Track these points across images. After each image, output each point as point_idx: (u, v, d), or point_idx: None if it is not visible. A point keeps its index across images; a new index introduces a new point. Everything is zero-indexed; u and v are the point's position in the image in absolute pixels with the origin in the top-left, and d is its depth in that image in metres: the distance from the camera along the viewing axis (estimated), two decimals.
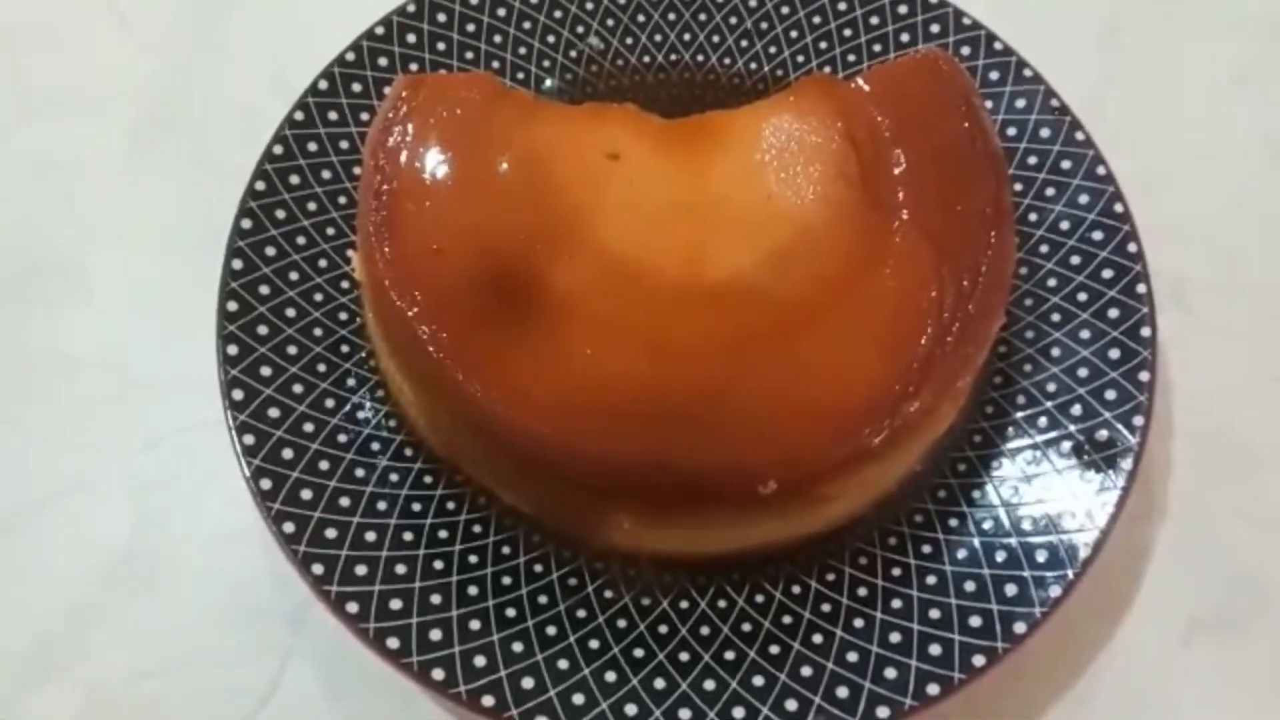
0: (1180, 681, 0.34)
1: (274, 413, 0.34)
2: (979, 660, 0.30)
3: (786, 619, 0.32)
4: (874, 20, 0.42)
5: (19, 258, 0.40)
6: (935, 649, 0.31)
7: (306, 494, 0.33)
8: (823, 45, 0.42)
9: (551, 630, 0.31)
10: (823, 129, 0.35)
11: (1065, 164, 0.38)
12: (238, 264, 0.36)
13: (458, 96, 0.35)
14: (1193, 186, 0.42)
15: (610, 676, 0.31)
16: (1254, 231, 0.41)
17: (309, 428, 0.34)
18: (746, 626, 0.32)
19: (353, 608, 0.31)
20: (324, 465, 0.33)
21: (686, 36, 0.42)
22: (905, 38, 0.41)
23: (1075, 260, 0.37)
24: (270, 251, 0.36)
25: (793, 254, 0.33)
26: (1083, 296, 0.36)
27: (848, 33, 0.42)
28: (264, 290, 0.36)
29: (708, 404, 0.30)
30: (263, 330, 0.35)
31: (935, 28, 0.41)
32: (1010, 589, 0.32)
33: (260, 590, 0.34)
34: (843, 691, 0.30)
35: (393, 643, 0.30)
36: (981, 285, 0.32)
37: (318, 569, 0.31)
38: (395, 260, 0.32)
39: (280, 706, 0.33)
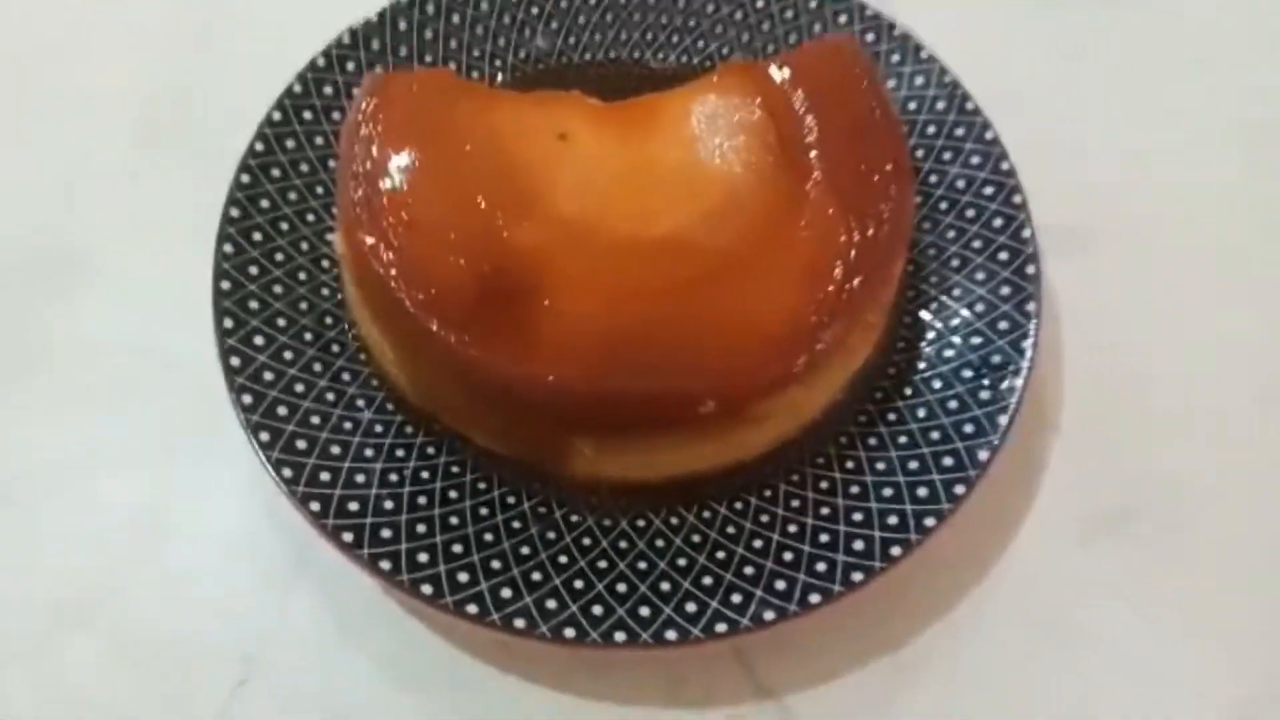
0: (1079, 575, 0.38)
1: (268, 376, 0.38)
2: (896, 550, 0.35)
3: (730, 529, 0.36)
4: (788, 14, 0.47)
5: (32, 250, 0.43)
6: (859, 544, 0.35)
7: (301, 444, 0.37)
8: (745, 38, 0.47)
9: (525, 550, 0.36)
10: (744, 105, 0.40)
11: (959, 131, 0.43)
12: (228, 248, 0.40)
13: (421, 90, 0.39)
14: (1082, 149, 0.47)
15: (579, 584, 0.35)
16: (1138, 185, 0.46)
17: (300, 388, 0.38)
18: (696, 538, 0.36)
19: (348, 537, 0.35)
20: (315, 420, 0.37)
21: (623, 35, 0.47)
22: (817, 28, 0.46)
23: (970, 213, 0.42)
24: (257, 236, 0.41)
25: (723, 211, 0.37)
26: (977, 244, 0.41)
27: (765, 26, 0.47)
28: (253, 270, 0.40)
29: (653, 339, 0.35)
30: (254, 305, 0.39)
31: (843, 18, 0.46)
32: (921, 491, 0.36)
33: (263, 539, 0.38)
34: (780, 584, 0.35)
35: (385, 565, 0.34)
36: (885, 231, 0.37)
37: (315, 506, 0.35)
38: (373, 233, 0.36)
39: (284, 636, 0.37)
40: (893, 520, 0.36)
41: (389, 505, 0.36)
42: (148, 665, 0.36)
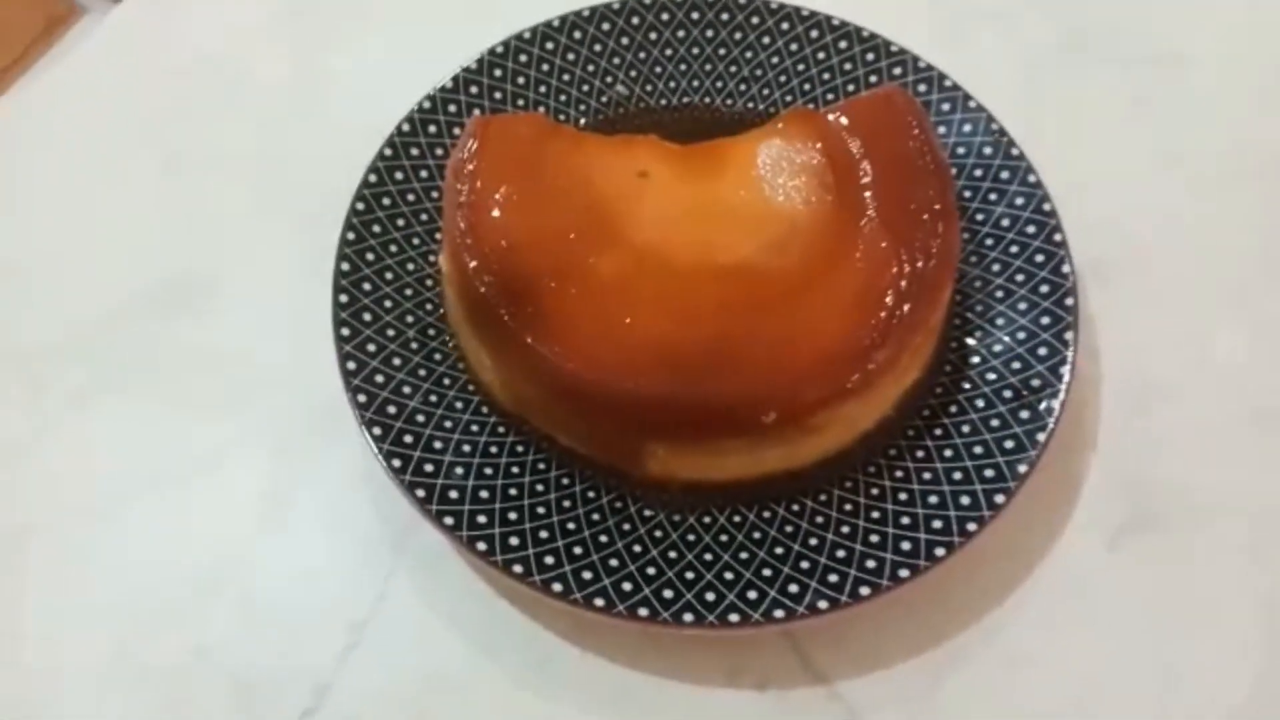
0: (1107, 577, 0.42)
1: (379, 379, 0.43)
2: (940, 551, 0.39)
3: (788, 528, 0.40)
4: (847, 66, 0.51)
5: (167, 279, 0.49)
6: (906, 545, 0.39)
7: (408, 439, 0.41)
8: (806, 87, 0.51)
9: (604, 539, 0.40)
10: (805, 149, 0.44)
11: (1004, 174, 0.47)
12: (345, 266, 0.45)
13: (519, 130, 0.45)
14: (1105, 190, 0.51)
15: (651, 570, 0.39)
16: (1154, 222, 0.50)
17: (407, 390, 0.43)
18: (756, 535, 0.40)
19: (449, 521, 0.39)
20: (420, 418, 0.42)
21: (695, 82, 0.52)
22: (874, 79, 0.51)
23: (1014, 249, 0.46)
24: (370, 257, 0.46)
25: (784, 243, 0.42)
26: (1020, 277, 0.45)
27: (826, 76, 0.51)
28: (366, 286, 0.45)
29: (720, 355, 0.39)
30: (367, 317, 0.44)
31: (898, 70, 0.50)
32: (964, 499, 0.40)
33: (369, 524, 0.43)
34: (833, 578, 0.39)
35: (482, 546, 0.39)
36: (932, 264, 0.41)
37: (420, 493, 0.40)
38: (476, 256, 0.41)
39: (387, 610, 0.41)
40: (938, 524, 0.39)
41: (484, 495, 0.40)
42: (267, 630, 0.41)
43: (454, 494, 0.40)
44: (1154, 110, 0.54)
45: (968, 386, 0.43)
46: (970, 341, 0.45)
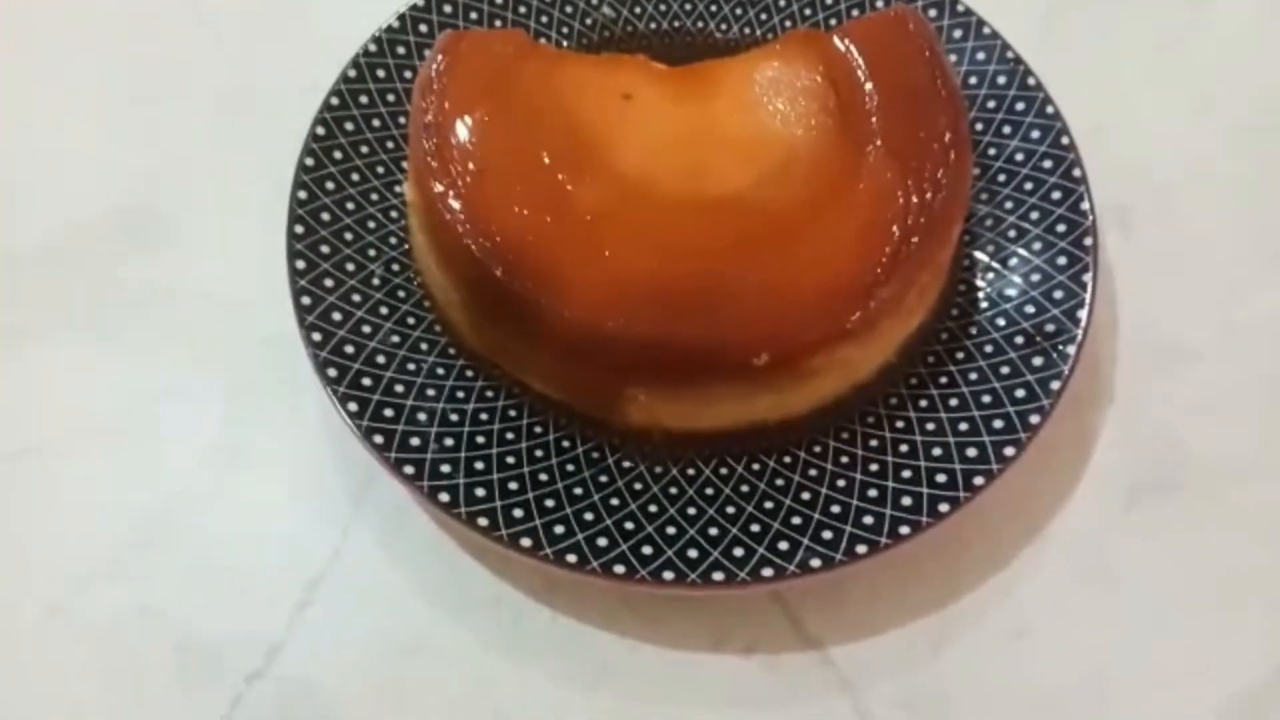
0: (1123, 540, 0.39)
1: (337, 316, 0.39)
2: (943, 507, 0.36)
3: (779, 481, 0.37)
4: None
5: (116, 210, 0.45)
6: (906, 500, 0.36)
7: (367, 381, 0.38)
8: (806, 12, 0.48)
9: (578, 490, 0.37)
10: (806, 72, 0.40)
11: (1019, 105, 0.44)
12: (302, 194, 0.41)
13: (493, 47, 0.41)
14: (1129, 133, 0.47)
15: (629, 525, 0.36)
16: (1182, 169, 0.46)
17: (367, 329, 0.39)
18: (744, 488, 0.37)
19: (409, 470, 0.36)
20: (380, 359, 0.39)
21: (688, 6, 0.48)
22: (879, 3, 0.47)
23: (1029, 186, 0.42)
24: (330, 185, 0.42)
25: (781, 173, 0.38)
26: (1035, 215, 0.42)
27: (828, 0, 0.48)
28: (325, 217, 0.41)
29: (710, 292, 0.35)
30: (325, 249, 0.41)
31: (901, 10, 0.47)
32: (971, 451, 0.37)
33: (326, 473, 0.40)
34: (827, 534, 0.35)
35: (444, 497, 0.36)
36: (941, 195, 0.37)
37: (378, 439, 0.37)
38: (443, 180, 0.38)
39: (343, 567, 0.38)
40: (941, 479, 0.36)
41: (449, 442, 0.37)
42: (214, 587, 0.38)
43: (415, 441, 0.37)
44: (1184, 52, 0.50)
45: (975, 332, 0.40)
46: (979, 284, 0.41)
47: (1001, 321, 0.40)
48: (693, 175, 0.38)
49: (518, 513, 0.36)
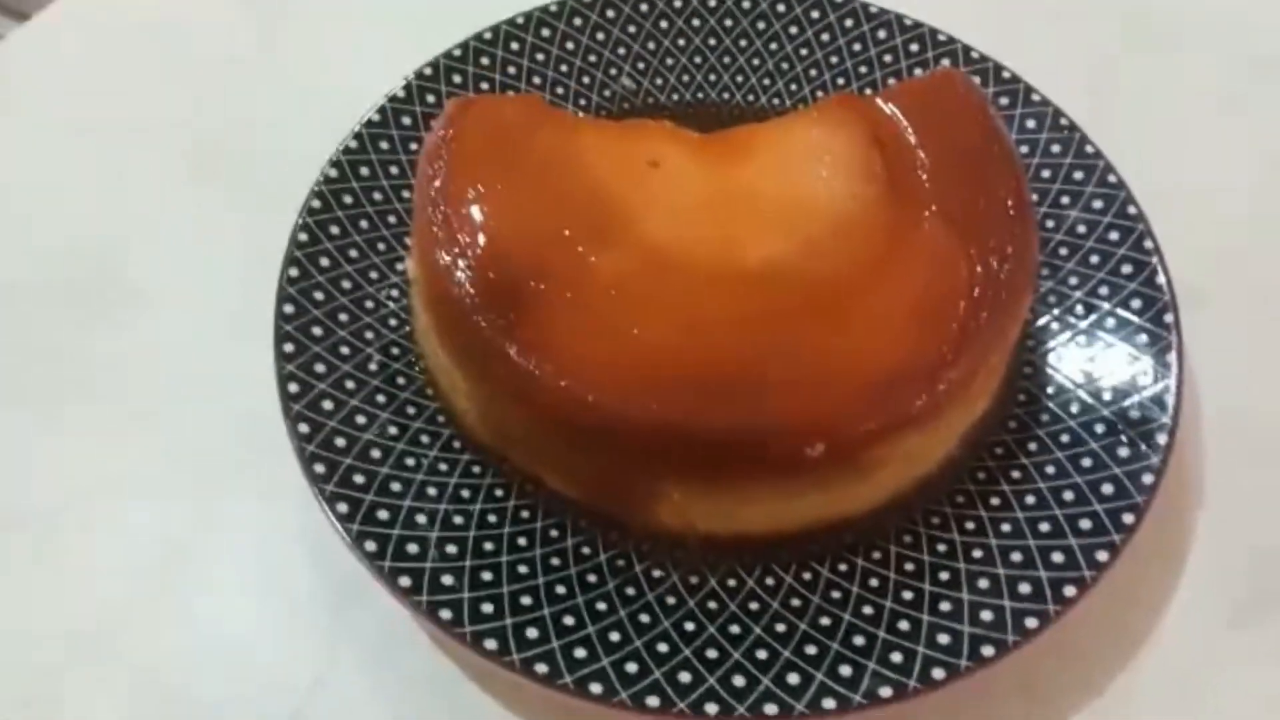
0: (1230, 663, 0.33)
1: (327, 405, 0.35)
2: (1031, 623, 0.30)
3: (835, 594, 0.32)
4: (887, 58, 0.44)
5: (70, 270, 0.41)
6: (987, 615, 0.31)
7: (359, 478, 0.33)
8: (840, 82, 0.45)
9: (601, 606, 0.32)
10: (848, 135, 0.37)
11: (1077, 175, 0.40)
12: (294, 271, 0.37)
13: (506, 112, 0.37)
14: (1192, 200, 0.43)
15: (663, 648, 0.31)
16: (1252, 237, 0.43)
17: (361, 420, 0.35)
18: (795, 601, 0.32)
19: (405, 581, 0.31)
20: (375, 453, 0.34)
21: (712, 77, 0.45)
22: (918, 72, 0.44)
23: (1094, 259, 0.39)
24: (324, 262, 0.38)
25: (826, 242, 0.34)
26: (1104, 290, 0.38)
27: (863, 69, 0.45)
28: (318, 296, 0.37)
29: (748, 372, 0.31)
30: (317, 331, 0.36)
31: (946, 61, 0.44)
32: (1057, 556, 0.32)
33: (307, 586, 0.35)
34: (896, 657, 0.30)
35: (445, 614, 0.31)
36: (1009, 266, 0.34)
37: (370, 546, 0.32)
38: (449, 252, 0.34)
39: (326, 700, 0.33)
40: (1025, 589, 0.31)
41: (452, 550, 0.32)
42: None
43: (413, 548, 0.32)
44: (1245, 112, 0.46)
45: (1047, 419, 0.36)
46: (1048, 368, 0.37)
47: (1075, 408, 0.36)
48: (727, 245, 0.34)
49: (532, 633, 0.31)
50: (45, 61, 0.47)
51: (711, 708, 0.29)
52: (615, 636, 0.31)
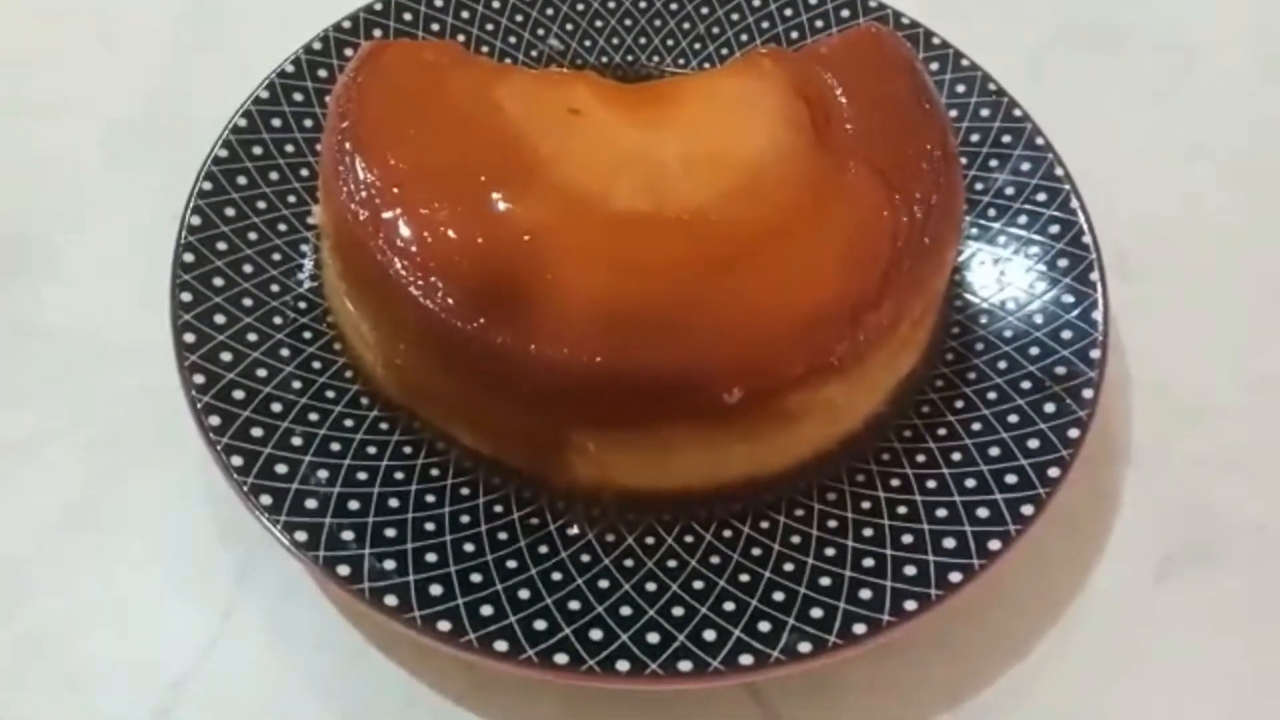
0: (1156, 617, 0.33)
1: (226, 356, 0.33)
2: (955, 577, 0.30)
3: (756, 550, 0.31)
4: (819, 24, 0.44)
5: None
6: (910, 569, 0.30)
7: (257, 431, 0.31)
8: (771, 47, 0.44)
9: (512, 563, 0.30)
10: (773, 87, 0.36)
11: (1006, 138, 0.40)
12: (195, 220, 0.36)
13: (423, 56, 0.36)
14: (1123, 177, 0.43)
15: (574, 605, 0.29)
16: (1179, 216, 0.43)
17: (262, 372, 0.33)
18: (715, 559, 0.31)
19: (301, 536, 0.29)
20: (276, 407, 0.32)
21: (642, 40, 0.44)
22: None
23: (1022, 220, 0.38)
24: (230, 212, 0.36)
25: (750, 190, 0.33)
26: (1033, 250, 0.37)
27: (795, 35, 0.44)
28: (221, 246, 0.35)
29: (671, 316, 0.30)
30: (218, 281, 0.35)
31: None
32: (982, 511, 0.31)
33: (205, 548, 0.33)
34: (817, 612, 0.29)
35: (343, 570, 0.29)
36: (934, 216, 0.33)
37: (266, 500, 0.30)
38: (358, 196, 0.32)
39: (222, 659, 0.31)
40: (950, 543, 0.30)
41: (354, 505, 0.31)
42: (50, 689, 0.30)
43: (312, 503, 0.30)
44: (1173, 101, 0.47)
45: (974, 377, 0.35)
46: (975, 327, 0.36)
47: (1003, 365, 0.35)
48: (648, 192, 0.33)
49: (435, 590, 0.29)
50: None
51: (623, 665, 0.28)
52: (525, 594, 0.29)
